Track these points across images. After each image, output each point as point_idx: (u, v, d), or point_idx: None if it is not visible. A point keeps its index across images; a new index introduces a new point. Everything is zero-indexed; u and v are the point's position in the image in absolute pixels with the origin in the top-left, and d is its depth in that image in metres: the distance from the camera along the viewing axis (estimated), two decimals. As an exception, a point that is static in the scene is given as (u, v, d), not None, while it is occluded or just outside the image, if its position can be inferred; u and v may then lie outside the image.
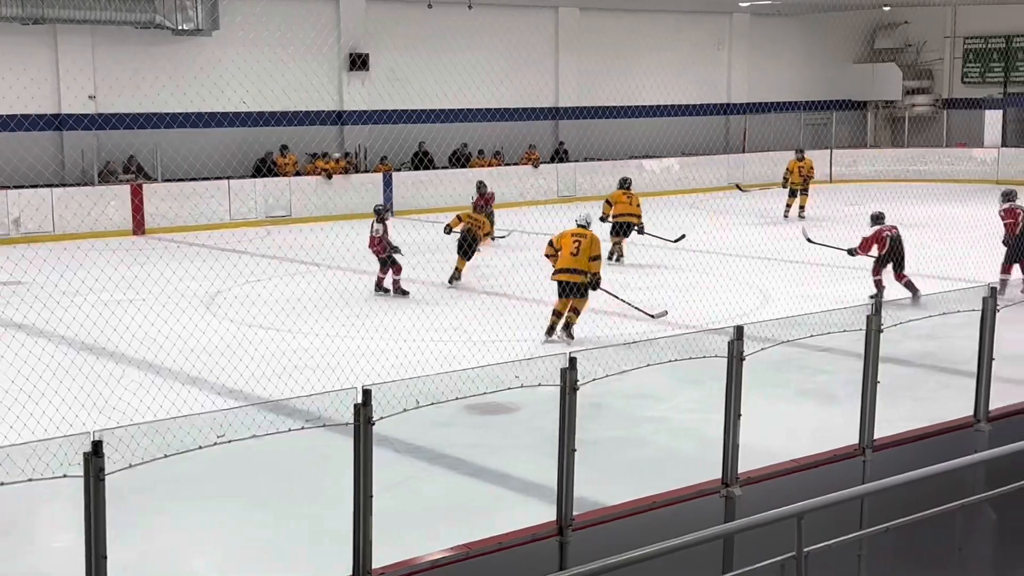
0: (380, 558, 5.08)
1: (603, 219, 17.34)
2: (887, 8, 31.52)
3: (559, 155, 27.76)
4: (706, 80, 30.90)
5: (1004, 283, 13.79)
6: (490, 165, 26.18)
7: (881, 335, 6.87)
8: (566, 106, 28.47)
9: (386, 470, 5.52)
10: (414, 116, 25.40)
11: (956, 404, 7.89)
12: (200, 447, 4.56)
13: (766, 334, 7.08)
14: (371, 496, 4.94)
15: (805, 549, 5.01)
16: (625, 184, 18.18)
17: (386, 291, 14.87)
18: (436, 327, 12.59)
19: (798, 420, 9.25)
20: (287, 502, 7.60)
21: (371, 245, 15.15)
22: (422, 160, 24.97)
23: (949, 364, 9.99)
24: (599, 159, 27.71)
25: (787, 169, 23.39)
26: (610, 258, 16.94)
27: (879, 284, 14.09)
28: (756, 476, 6.42)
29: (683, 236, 17.13)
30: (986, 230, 18.49)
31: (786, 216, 22.73)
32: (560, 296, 12.27)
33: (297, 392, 8.82)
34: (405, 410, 5.04)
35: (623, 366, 6.03)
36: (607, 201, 17.99)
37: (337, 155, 24.31)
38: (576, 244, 12.27)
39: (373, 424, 4.91)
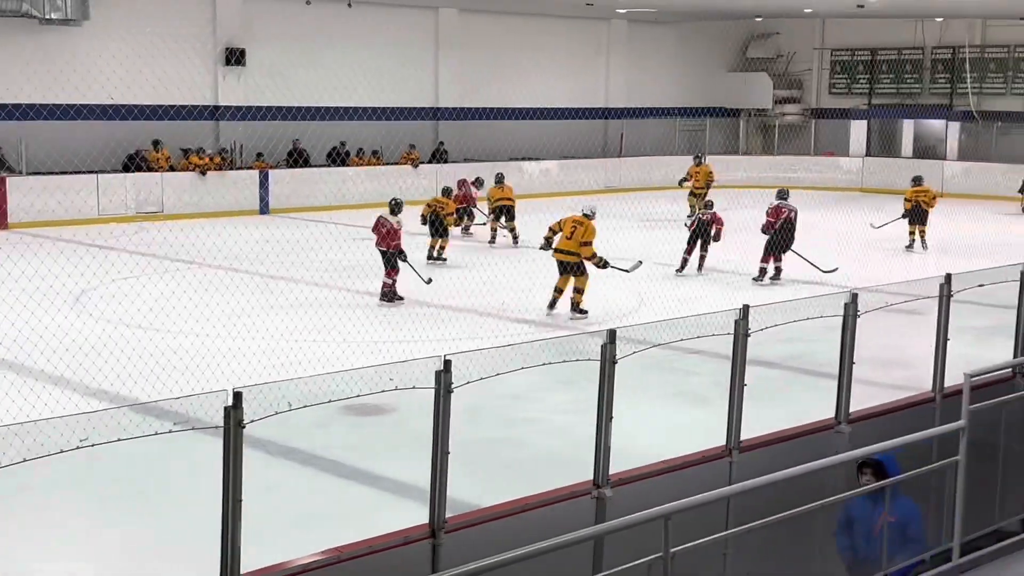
0: (249, 563, 5.01)
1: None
2: (759, 19, 32.36)
3: (439, 155, 27.74)
4: (585, 84, 31.25)
5: (763, 271, 16.25)
6: (369, 164, 26.02)
7: (749, 338, 7.05)
8: (446, 106, 28.47)
9: (258, 473, 5.45)
10: (292, 113, 25.07)
11: (819, 406, 8.14)
12: (62, 451, 4.43)
13: (640, 336, 7.20)
14: (240, 500, 4.86)
15: (672, 549, 5.10)
16: (499, 180, 20.37)
17: (400, 299, 14.14)
18: (312, 328, 12.46)
19: (670, 422, 9.42)
20: (153, 506, 7.43)
21: (386, 239, 14.34)
22: (299, 157, 24.67)
23: (813, 367, 10.31)
24: (479, 160, 27.77)
25: (687, 174, 23.62)
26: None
27: (763, 271, 15.85)
28: (627, 477, 6.52)
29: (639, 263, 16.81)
30: (850, 237, 19.13)
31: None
32: (560, 273, 13.84)
33: (167, 393, 8.63)
34: (277, 412, 4.98)
35: (498, 368, 6.06)
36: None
37: (212, 151, 23.86)
38: (573, 229, 13.82)
39: (243, 427, 4.83)
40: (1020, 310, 9.30)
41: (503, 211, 19.96)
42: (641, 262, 15.50)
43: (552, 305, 13.71)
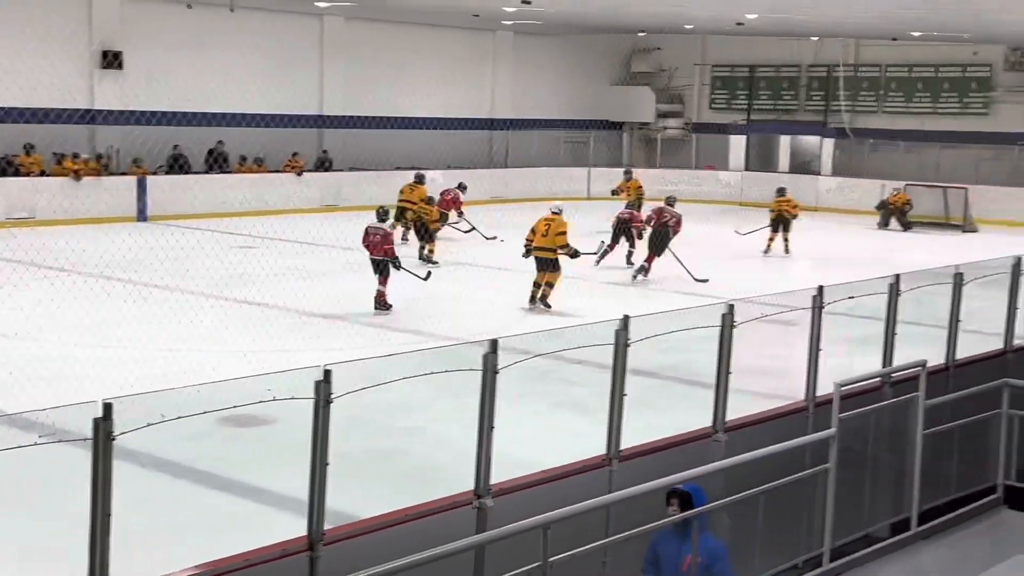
0: (119, 579, 4.87)
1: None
2: (642, 34, 32.87)
3: (323, 164, 27.47)
4: (471, 95, 31.31)
5: (644, 270, 17.31)
6: (251, 172, 25.61)
7: (629, 348, 7.14)
8: (331, 114, 28.21)
9: (130, 486, 5.29)
10: (171, 118, 24.53)
11: (697, 415, 8.28)
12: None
13: (524, 347, 7.23)
14: (109, 514, 4.72)
15: (551, 558, 5.13)
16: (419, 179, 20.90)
17: (390, 307, 14.26)
18: (189, 338, 12.19)
19: (552, 431, 9.46)
20: (19, 521, 7.16)
21: (379, 247, 14.45)
22: (177, 163, 24.12)
23: (692, 376, 10.47)
24: (365, 169, 27.60)
25: (618, 187, 24.11)
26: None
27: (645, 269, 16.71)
28: (508, 487, 6.54)
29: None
30: (729, 249, 19.54)
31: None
32: (537, 270, 15.04)
33: (34, 404, 8.33)
34: (149, 424, 4.85)
35: (379, 379, 6.02)
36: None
37: (87, 156, 23.19)
38: (546, 226, 15.12)
39: (114, 439, 4.70)
40: (888, 321, 9.60)
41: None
42: (604, 242, 16.16)
43: (532, 300, 14.83)
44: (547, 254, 14.95)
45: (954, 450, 9.11)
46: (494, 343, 6.28)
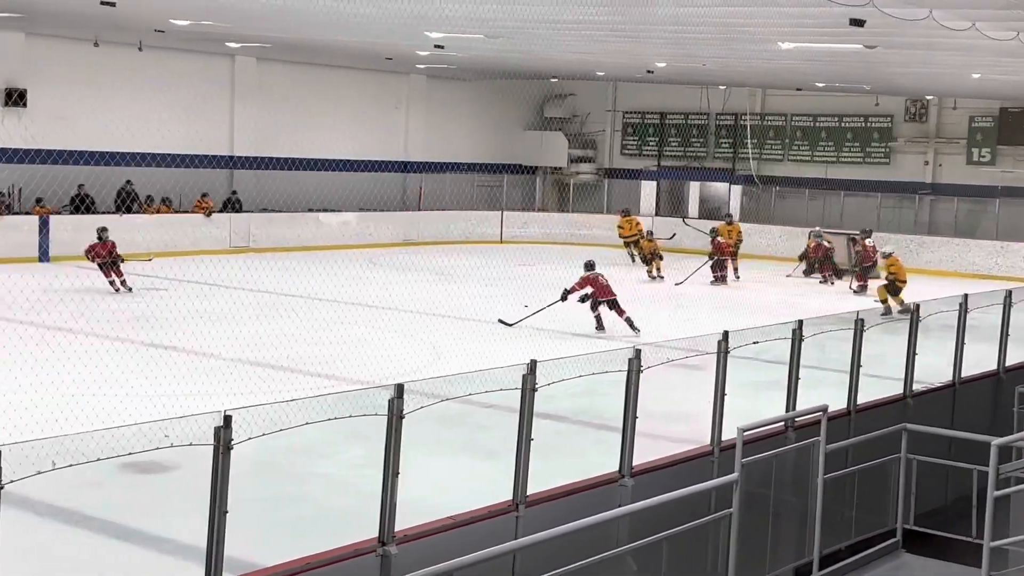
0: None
1: None
2: (555, 80, 33.27)
3: (231, 204, 27.14)
4: (384, 137, 31.31)
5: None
6: (159, 212, 25.23)
7: (537, 392, 7.15)
8: (242, 155, 27.96)
9: (23, 535, 5.14)
10: (76, 157, 24.07)
11: (606, 459, 8.30)
12: None
13: (432, 391, 7.19)
14: (-4, 566, 4.57)
15: (456, 606, 5.09)
16: None
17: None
18: (88, 381, 11.87)
19: (459, 476, 9.41)
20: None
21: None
22: (82, 203, 23.65)
23: (600, 420, 10.51)
24: (276, 211, 27.38)
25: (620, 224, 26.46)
26: None
27: (599, 319, 16.75)
28: (413, 533, 6.47)
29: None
30: (633, 293, 19.73)
31: None
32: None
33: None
34: (40, 472, 4.71)
35: (283, 423, 5.92)
36: None
37: (-13, 194, 22.64)
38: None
39: (2, 487, 4.55)
40: (791, 366, 9.77)
41: None
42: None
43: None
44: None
45: (855, 494, 9.27)
46: (400, 387, 6.24)
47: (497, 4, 14.90)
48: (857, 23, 12.87)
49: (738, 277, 24.55)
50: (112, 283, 18.42)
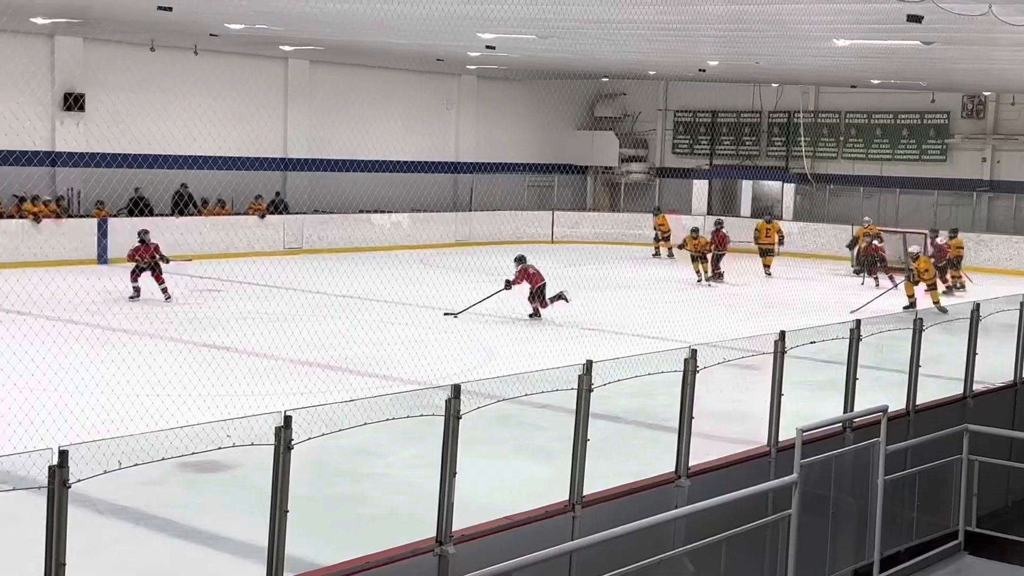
0: (74, 630, 4.77)
1: None
2: (606, 79, 33.19)
3: (278, 206, 27.23)
4: (435, 138, 31.43)
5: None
6: (215, 214, 25.52)
7: (592, 393, 7.13)
8: (295, 157, 28.21)
9: (86, 533, 5.22)
10: (134, 160, 24.43)
11: (662, 460, 8.27)
12: None
13: (487, 391, 7.19)
14: (63, 563, 4.64)
15: (514, 606, 5.09)
16: None
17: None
18: (148, 382, 12.05)
19: (515, 477, 9.42)
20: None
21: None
22: (138, 206, 23.97)
23: (655, 421, 10.48)
24: (329, 212, 27.58)
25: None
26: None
27: (537, 311, 17.21)
28: (470, 534, 6.48)
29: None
30: (690, 293, 19.63)
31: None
32: None
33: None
34: (106, 472, 4.78)
35: (341, 424, 5.96)
36: None
37: (48, 198, 23.02)
38: None
39: (69, 487, 4.62)
40: (849, 366, 9.66)
41: None
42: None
43: None
44: None
45: (915, 495, 9.15)
46: (456, 388, 6.25)
47: (549, 4, 14.89)
48: (915, 19, 12.71)
49: (770, 275, 24.53)
50: (137, 289, 18.06)
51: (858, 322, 9.83)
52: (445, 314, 17.01)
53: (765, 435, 8.86)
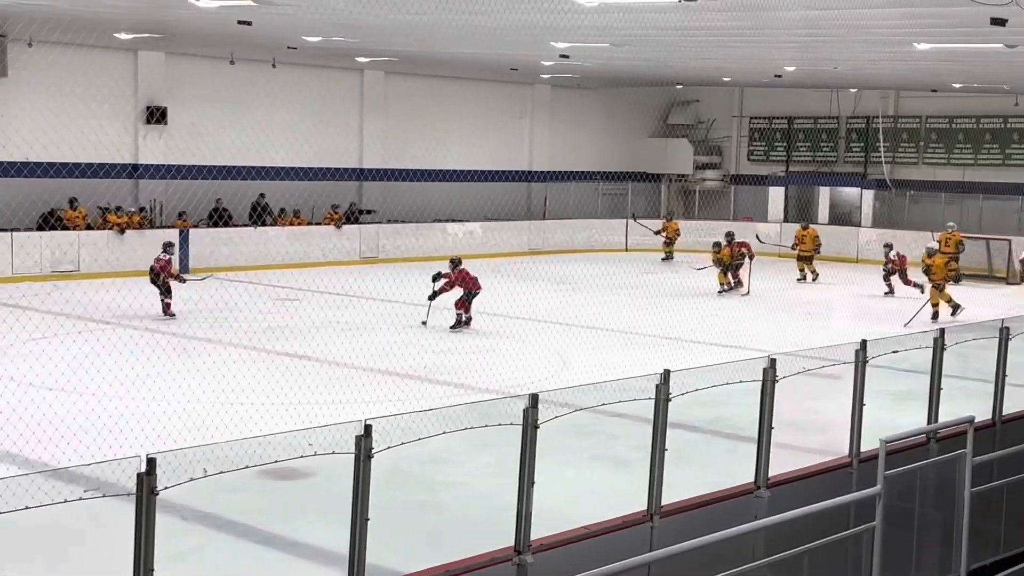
0: (161, 634, 4.87)
1: None
2: (680, 87, 33.00)
3: (352, 216, 27.44)
4: (508, 147, 31.51)
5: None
6: (291, 224, 25.87)
7: (670, 403, 7.09)
8: (371, 167, 28.48)
9: (171, 539, 5.32)
10: (214, 172, 24.86)
11: (739, 470, 8.19)
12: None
13: (563, 400, 7.20)
14: (152, 569, 4.73)
15: (594, 616, 5.08)
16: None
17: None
18: (230, 390, 12.24)
19: (591, 486, 9.40)
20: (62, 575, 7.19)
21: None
22: (220, 216, 24.42)
23: (733, 430, 10.39)
24: (403, 221, 27.80)
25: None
26: None
27: (468, 318, 16.88)
28: (548, 543, 6.48)
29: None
30: (768, 303, 19.40)
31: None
32: None
33: (78, 458, 8.39)
34: (192, 479, 4.87)
35: (419, 433, 6.01)
36: None
37: (132, 209, 23.53)
38: None
39: (157, 494, 4.72)
40: (933, 376, 9.48)
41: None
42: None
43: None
44: None
45: (1003, 508, 8.95)
46: (534, 397, 6.27)
47: (624, 13, 14.85)
48: (998, 22, 12.46)
49: (815, 279, 24.58)
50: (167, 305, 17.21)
51: (942, 331, 9.65)
52: (422, 323, 16.91)
53: (844, 445, 8.73)
